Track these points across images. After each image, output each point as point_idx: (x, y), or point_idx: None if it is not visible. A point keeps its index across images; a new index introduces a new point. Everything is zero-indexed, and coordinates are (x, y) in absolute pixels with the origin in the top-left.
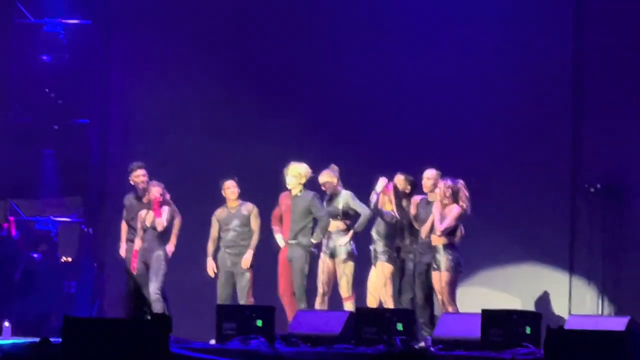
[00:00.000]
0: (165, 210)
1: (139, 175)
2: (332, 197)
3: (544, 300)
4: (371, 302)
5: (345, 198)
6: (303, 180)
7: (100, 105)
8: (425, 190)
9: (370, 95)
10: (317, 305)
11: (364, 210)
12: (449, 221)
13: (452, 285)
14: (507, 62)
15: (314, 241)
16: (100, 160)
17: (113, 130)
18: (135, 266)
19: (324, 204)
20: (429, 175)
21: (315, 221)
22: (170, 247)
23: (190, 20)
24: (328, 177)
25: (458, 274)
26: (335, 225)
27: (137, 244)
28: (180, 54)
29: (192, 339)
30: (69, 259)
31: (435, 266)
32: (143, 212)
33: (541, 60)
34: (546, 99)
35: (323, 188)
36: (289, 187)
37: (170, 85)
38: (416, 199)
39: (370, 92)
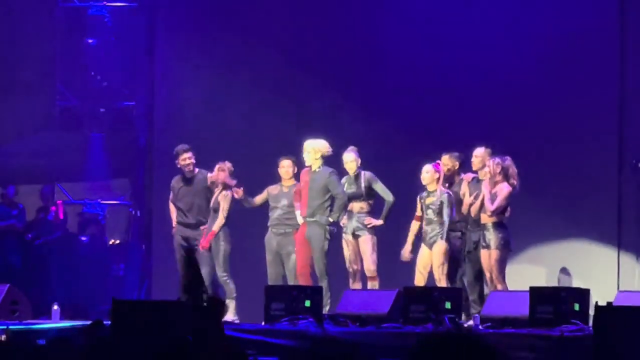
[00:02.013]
0: (222, 196)
1: (185, 158)
2: (354, 178)
3: (592, 276)
4: (419, 281)
5: (368, 179)
6: (318, 156)
7: (146, 88)
8: (474, 168)
9: (410, 73)
10: (352, 285)
11: (388, 197)
12: (499, 200)
13: (502, 263)
14: (553, 40)
15: (331, 220)
16: (146, 142)
17: (159, 112)
18: (204, 245)
19: (345, 185)
20: (478, 152)
21: (333, 199)
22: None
23: (235, 1)
24: (352, 157)
25: (508, 252)
26: (359, 206)
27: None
28: (225, 35)
29: (240, 320)
30: (117, 242)
31: (484, 244)
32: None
33: (587, 37)
34: (592, 74)
35: (347, 169)
36: (306, 163)
37: (214, 66)
38: (468, 177)
39: (410, 70)
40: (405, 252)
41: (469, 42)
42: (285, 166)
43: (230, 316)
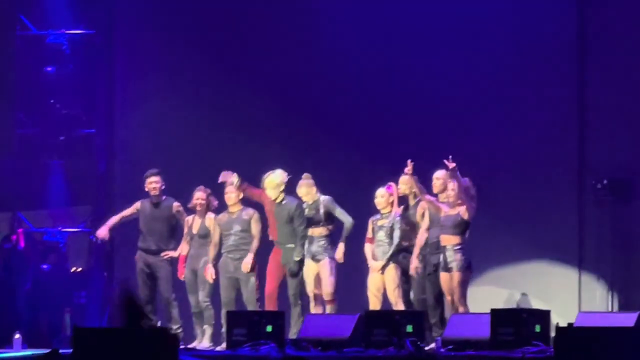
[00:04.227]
0: (211, 221)
1: (151, 182)
2: (312, 204)
3: (553, 297)
4: (374, 304)
5: (325, 204)
6: (282, 188)
7: (105, 115)
8: (435, 190)
9: (369, 92)
10: (313, 309)
11: (346, 219)
12: (468, 218)
13: (464, 285)
14: (511, 59)
15: (296, 259)
16: (106, 169)
17: (119, 139)
18: (182, 272)
19: (306, 210)
20: (439, 175)
21: None
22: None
23: (193, 28)
24: (307, 187)
25: (470, 274)
26: (318, 231)
27: (185, 249)
28: (184, 61)
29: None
30: (79, 269)
31: (445, 266)
32: (190, 219)
33: (546, 56)
34: (551, 94)
35: (304, 199)
36: (272, 198)
37: (174, 93)
38: (429, 199)
39: (369, 89)
40: (375, 266)
41: (425, 63)
42: (228, 192)
43: (206, 343)
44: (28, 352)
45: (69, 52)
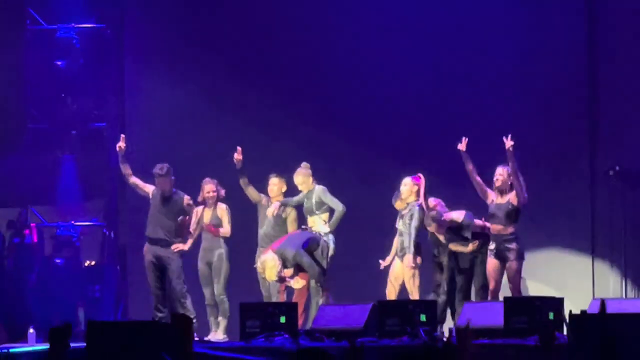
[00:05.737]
0: (222, 211)
1: (159, 183)
2: (307, 193)
3: (567, 285)
4: (390, 293)
5: (318, 193)
6: (277, 266)
7: (116, 108)
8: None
9: (382, 91)
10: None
11: (337, 206)
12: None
13: (520, 273)
14: (521, 52)
15: (315, 281)
16: (118, 163)
17: (130, 133)
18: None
19: (304, 200)
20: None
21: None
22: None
23: (203, 22)
24: (303, 176)
25: (523, 262)
26: (312, 220)
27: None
28: (194, 54)
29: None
30: (92, 263)
31: (497, 255)
32: (199, 210)
33: (556, 47)
34: (562, 82)
35: (299, 188)
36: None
37: (185, 86)
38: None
39: (380, 86)
40: (385, 263)
41: (438, 60)
42: (270, 184)
43: (220, 335)
44: (43, 347)
45: (79, 46)
